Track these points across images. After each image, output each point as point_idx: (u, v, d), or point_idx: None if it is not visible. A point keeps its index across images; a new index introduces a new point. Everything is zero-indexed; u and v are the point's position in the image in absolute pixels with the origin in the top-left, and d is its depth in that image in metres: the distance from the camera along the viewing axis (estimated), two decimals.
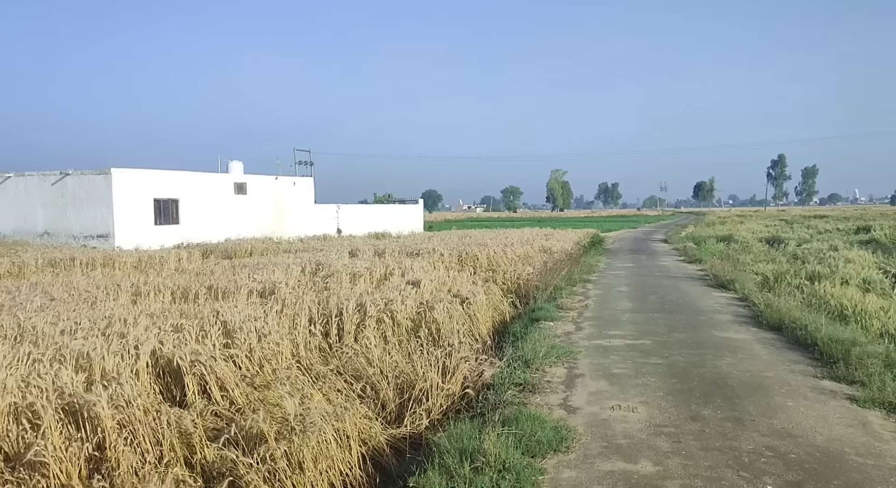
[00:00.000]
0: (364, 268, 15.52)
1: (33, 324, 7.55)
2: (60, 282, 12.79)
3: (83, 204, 28.51)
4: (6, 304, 9.24)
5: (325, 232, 37.52)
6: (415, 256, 20.26)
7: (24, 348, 6.48)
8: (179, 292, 11.84)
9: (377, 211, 46.60)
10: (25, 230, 29.70)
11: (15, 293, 10.83)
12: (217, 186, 33.16)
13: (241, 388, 6.90)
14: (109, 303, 10.11)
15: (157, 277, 13.95)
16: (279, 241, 30.50)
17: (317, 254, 20.78)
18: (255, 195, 35.05)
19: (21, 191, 30.13)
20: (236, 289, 11.82)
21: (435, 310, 9.79)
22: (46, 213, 29.40)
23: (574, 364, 8.22)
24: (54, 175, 29.26)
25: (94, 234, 28.19)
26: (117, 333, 7.37)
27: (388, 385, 7.48)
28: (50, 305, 9.24)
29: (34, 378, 5.57)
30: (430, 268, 16.81)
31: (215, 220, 31.87)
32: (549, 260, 20.16)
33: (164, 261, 19.73)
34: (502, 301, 13.25)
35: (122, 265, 18.84)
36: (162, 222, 29.95)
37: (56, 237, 28.88)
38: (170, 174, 30.88)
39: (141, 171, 29.49)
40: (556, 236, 31.29)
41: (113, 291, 11.34)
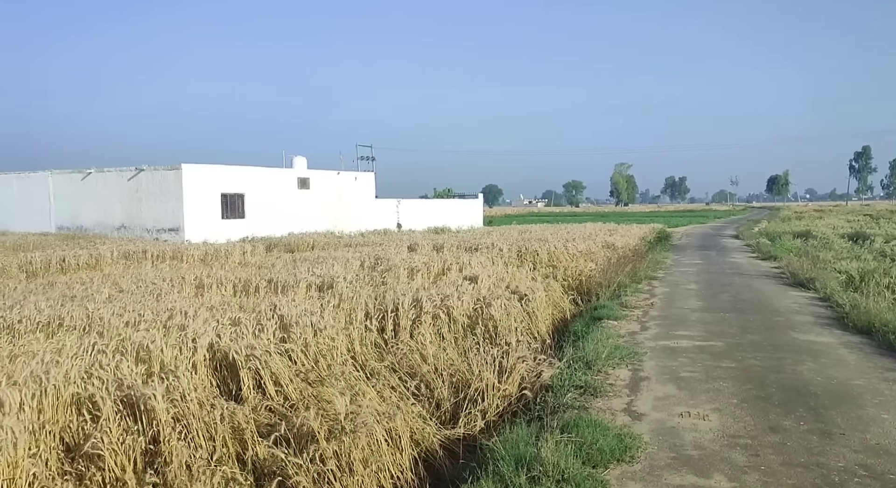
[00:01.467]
0: (422, 262, 15.40)
1: (100, 315, 7.74)
2: (130, 274, 13.23)
3: (156, 198, 29.67)
4: (79, 295, 9.57)
5: (386, 226, 37.78)
6: (473, 251, 20.02)
7: (91, 339, 6.62)
8: (241, 285, 12.02)
9: (437, 206, 46.61)
10: (105, 223, 31.19)
11: (88, 284, 11.24)
12: (281, 181, 33.87)
13: (295, 384, 6.84)
14: (173, 295, 10.33)
15: (221, 270, 14.25)
16: (340, 236, 30.89)
17: (376, 249, 20.84)
18: (318, 190, 35.61)
19: (101, 187, 31.63)
20: (295, 282, 11.89)
21: (492, 307, 9.52)
22: (123, 208, 30.76)
23: (639, 366, 7.79)
24: (130, 171, 30.57)
25: (165, 228, 29.29)
26: (178, 326, 7.46)
27: (443, 383, 7.29)
28: (118, 297, 9.50)
29: (96, 369, 5.66)
30: (489, 264, 16.53)
31: (279, 215, 32.56)
32: (613, 256, 19.51)
33: (229, 254, 20.22)
34: (563, 298, 12.84)
35: (189, 258, 19.41)
36: (229, 216, 30.82)
37: (132, 230, 30.18)
38: (236, 169, 31.74)
39: (209, 167, 30.42)
40: (619, 231, 30.40)
41: (178, 284, 11.62)
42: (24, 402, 4.78)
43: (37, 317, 7.59)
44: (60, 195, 33.09)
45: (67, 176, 32.89)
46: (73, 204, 32.56)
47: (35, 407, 4.84)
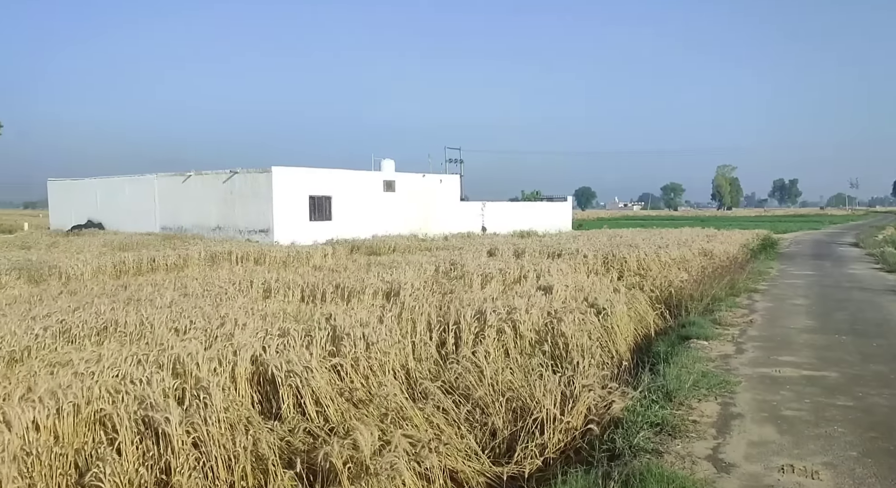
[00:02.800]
0: (497, 269, 14.67)
1: (152, 321, 7.59)
2: (206, 277, 13.36)
3: (248, 200, 30.64)
4: (143, 298, 9.59)
5: (470, 229, 37.24)
6: (555, 257, 19.03)
7: (132, 348, 6.41)
8: (308, 290, 11.78)
9: (523, 208, 45.55)
10: (202, 224, 32.60)
11: (159, 286, 11.36)
12: (367, 184, 34.12)
13: (337, 404, 6.34)
14: (238, 300, 10.18)
15: (293, 274, 14.15)
16: (424, 238, 30.65)
17: (454, 253, 20.29)
18: (403, 192, 35.61)
19: (199, 189, 33.11)
20: (362, 288, 11.51)
21: (563, 323, 8.65)
22: (218, 209, 32.02)
23: (730, 399, 6.69)
24: (225, 173, 31.77)
25: (256, 229, 30.17)
26: (225, 335, 7.17)
27: (501, 409, 6.55)
28: (180, 301, 9.44)
29: (125, 383, 5.38)
30: (570, 272, 15.55)
31: (365, 217, 32.78)
32: (709, 264, 17.91)
33: (310, 256, 20.34)
34: (648, 312, 11.70)
35: (271, 260, 19.67)
36: (316, 218, 31.35)
37: (226, 231, 31.34)
38: (324, 172, 32.25)
39: (298, 169, 31.07)
40: (719, 237, 28.24)
41: (246, 288, 11.53)
42: (39, 421, 4.52)
43: (94, 321, 7.53)
44: (164, 197, 34.95)
45: (170, 179, 34.69)
46: (175, 205, 34.29)
47: (50, 426, 4.57)
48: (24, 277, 13.55)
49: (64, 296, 10.24)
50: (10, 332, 6.50)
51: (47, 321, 7.29)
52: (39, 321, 7.39)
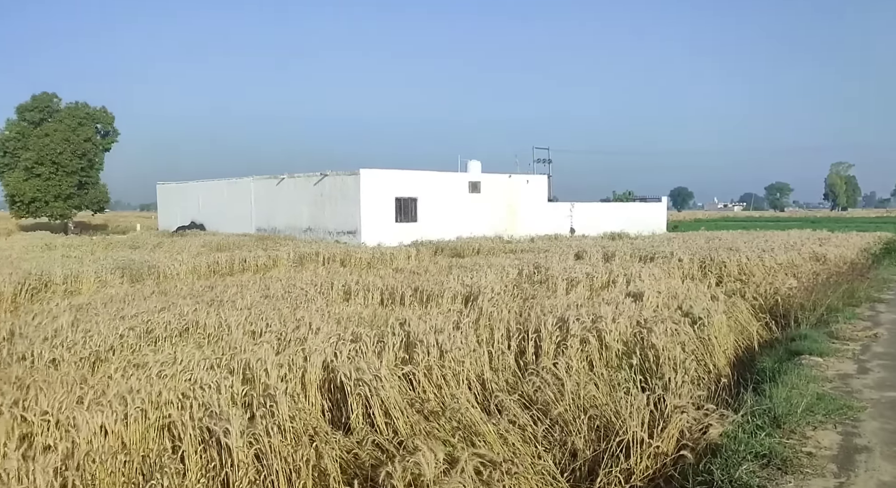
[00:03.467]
0: (584, 273, 14.00)
1: (230, 323, 7.63)
2: (289, 278, 13.56)
3: (337, 202, 31.33)
4: (226, 300, 9.75)
5: (558, 231, 36.33)
6: (647, 261, 18.02)
7: (207, 351, 6.41)
8: (388, 293, 11.65)
9: (614, 209, 43.98)
10: (294, 226, 33.67)
11: (244, 287, 11.59)
12: (453, 185, 34.03)
13: (407, 416, 6.04)
14: (317, 302, 10.17)
15: (375, 276, 14.11)
16: (509, 240, 30.14)
17: (540, 256, 19.70)
18: (489, 193, 35.25)
19: (291, 191, 34.24)
20: (440, 292, 11.24)
21: (654, 333, 7.96)
22: (309, 211, 32.95)
23: (854, 428, 5.83)
24: (316, 176, 32.65)
25: (345, 231, 30.78)
26: (298, 339, 7.06)
27: (582, 427, 6.03)
28: (260, 303, 9.51)
29: (194, 389, 5.32)
30: (663, 276, 14.62)
31: (450, 218, 32.69)
32: (823, 270, 16.33)
33: (394, 258, 20.39)
34: (750, 322, 10.69)
35: (356, 262, 19.87)
36: (402, 220, 31.58)
37: (316, 232, 32.18)
38: (410, 174, 32.45)
39: (385, 172, 31.43)
40: (833, 240, 25.93)
41: (327, 290, 11.54)
42: (107, 426, 4.49)
43: (176, 322, 7.65)
44: (259, 199, 36.42)
45: (265, 181, 36.10)
46: (269, 207, 35.64)
47: (118, 431, 4.53)
48: (127, 277, 14.28)
49: (155, 295, 10.63)
50: (97, 332, 6.67)
51: (133, 321, 7.48)
52: (127, 320, 7.59)
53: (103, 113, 41.47)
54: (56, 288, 12.69)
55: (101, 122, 41.39)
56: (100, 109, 41.25)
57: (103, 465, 4.21)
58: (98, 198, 40.86)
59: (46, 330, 6.78)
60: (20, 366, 5.35)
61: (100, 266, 14.27)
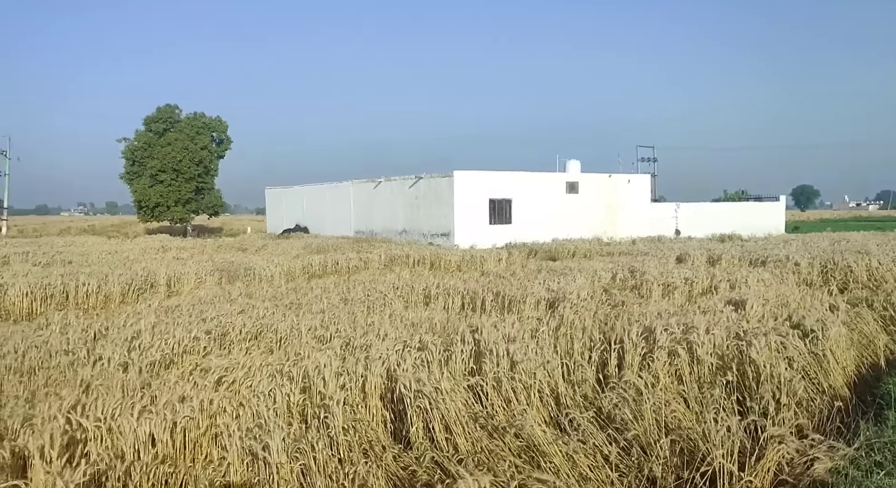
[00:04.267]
0: (683, 278, 13.01)
1: (301, 328, 7.61)
2: (373, 281, 13.57)
3: (431, 204, 31.47)
4: (305, 303, 9.82)
5: (661, 233, 34.51)
6: (758, 265, 16.58)
7: (271, 357, 6.38)
8: (469, 298, 11.34)
9: (724, 210, 41.21)
10: (390, 228, 34.22)
11: (326, 290, 11.69)
12: (549, 186, 33.22)
13: (469, 432, 5.68)
14: (395, 306, 10.03)
15: (458, 280, 13.84)
16: (608, 242, 28.97)
17: (638, 259, 18.66)
18: (587, 194, 34.11)
19: (388, 194, 34.82)
20: (523, 298, 10.78)
21: (753, 347, 7.10)
22: (405, 213, 33.35)
23: None
24: (411, 179, 32.98)
25: (438, 233, 30.85)
26: (362, 346, 6.90)
27: (663, 451, 5.41)
28: (337, 307, 9.49)
29: (248, 398, 5.24)
30: (774, 282, 13.32)
31: (545, 220, 31.94)
32: None
33: (484, 261, 20.05)
34: (878, 335, 9.40)
35: (445, 264, 19.73)
36: (496, 222, 31.21)
37: (411, 235, 32.51)
38: (504, 175, 32.02)
39: (479, 173, 31.19)
40: None
41: (408, 293, 11.39)
42: (156, 435, 4.45)
43: (250, 326, 7.73)
44: (358, 202, 37.35)
45: (363, 185, 36.96)
46: (367, 210, 36.45)
47: (166, 440, 4.49)
48: (224, 278, 14.91)
49: (241, 297, 10.93)
50: (172, 336, 6.83)
51: (211, 324, 7.62)
52: (206, 323, 7.76)
53: (218, 122, 44.16)
54: (159, 288, 13.44)
55: (216, 130, 44.09)
56: (215, 119, 43.97)
57: (146, 477, 4.18)
58: (213, 203, 43.54)
59: (129, 331, 7.03)
60: (91, 369, 5.52)
61: (201, 268, 14.99)
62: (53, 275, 12.82)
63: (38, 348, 6.12)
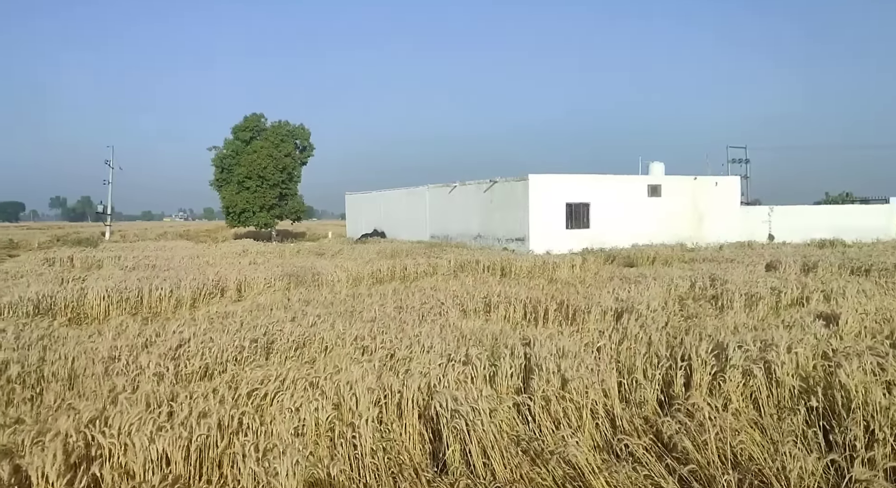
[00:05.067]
0: (769, 287, 11.94)
1: (345, 338, 7.41)
2: (434, 287, 13.30)
3: (506, 209, 30.97)
4: (358, 311, 9.64)
5: (753, 238, 32.36)
6: (860, 274, 15.06)
7: (310, 369, 6.19)
8: (531, 306, 10.84)
9: (825, 213, 38.19)
10: (465, 233, 33.98)
11: (386, 296, 11.51)
12: (629, 189, 31.94)
13: (509, 457, 5.24)
14: (451, 315, 9.70)
15: (524, 287, 13.33)
16: (692, 248, 27.46)
17: (722, 266, 17.45)
18: (670, 197, 32.52)
19: (462, 198, 34.62)
20: (588, 307, 10.17)
21: (843, 369, 6.23)
22: (479, 218, 33.02)
23: None
24: (486, 183, 32.62)
25: (513, 238, 30.30)
26: (405, 358, 6.59)
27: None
28: (388, 315, 9.26)
29: (274, 415, 5.03)
30: (877, 293, 11.98)
31: (625, 224, 30.70)
32: None
33: (556, 267, 19.38)
34: None
35: (516, 270, 19.19)
36: (573, 226, 30.30)
37: (485, 240, 32.13)
38: (582, 178, 31.06)
39: (555, 176, 30.40)
40: None
41: (467, 301, 11.03)
42: (170, 454, 4.29)
43: (298, 334, 7.61)
44: (434, 207, 37.37)
45: (439, 189, 36.95)
46: (442, 215, 36.40)
47: (181, 460, 4.32)
48: (292, 283, 15.10)
49: (298, 304, 10.93)
50: (218, 345, 6.77)
51: (259, 332, 7.55)
52: (256, 331, 7.71)
53: (301, 129, 45.57)
54: (229, 293, 13.76)
55: (299, 137, 45.49)
56: (298, 126, 45.39)
57: None
58: (295, 209, 44.90)
59: (178, 338, 7.05)
60: (125, 378, 5.51)
61: (270, 273, 15.26)
62: (131, 279, 13.38)
63: (86, 355, 6.20)
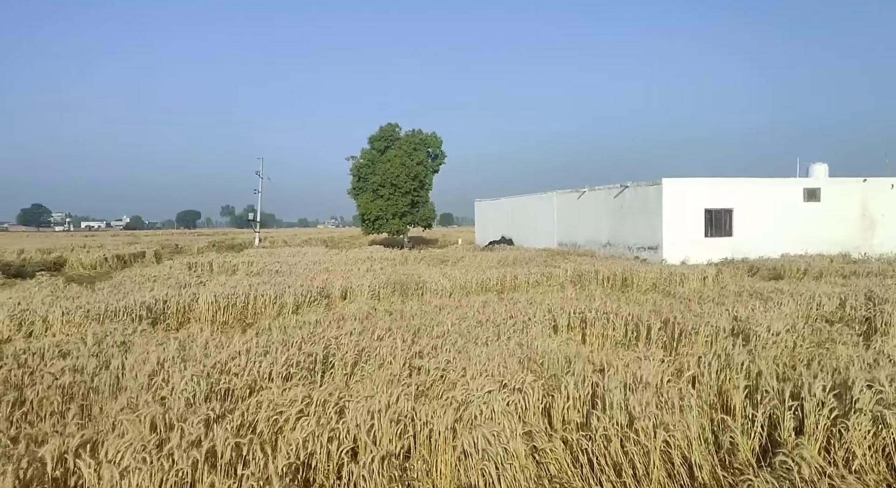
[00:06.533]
0: None
1: (395, 355, 6.92)
2: (531, 298, 12.46)
3: (637, 215, 29.03)
4: (428, 325, 9.09)
5: None
6: None
7: (344, 392, 5.77)
8: (633, 324, 9.70)
9: None
10: (594, 241, 32.38)
11: (471, 307, 10.91)
12: (781, 193, 28.57)
13: None
14: (531, 331, 8.89)
15: (633, 302, 12.08)
16: (860, 259, 23.90)
17: (886, 282, 14.79)
18: (832, 202, 28.64)
19: (591, 204, 33.03)
20: (695, 328, 8.86)
21: None
22: (609, 224, 31.28)
23: None
24: (616, 188, 30.85)
25: (645, 246, 28.30)
26: (451, 383, 5.96)
27: None
28: (460, 330, 8.62)
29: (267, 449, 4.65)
30: None
31: (775, 232, 27.49)
32: None
33: (685, 279, 17.62)
34: None
35: (639, 282, 17.72)
36: (713, 234, 27.68)
37: (615, 248, 30.35)
38: (723, 181, 28.31)
39: (692, 180, 27.99)
40: None
41: (560, 316, 10.10)
42: None
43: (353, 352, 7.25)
44: (562, 213, 36.07)
45: (567, 195, 35.60)
46: (570, 221, 35.00)
47: None
48: (397, 291, 14.98)
49: (380, 313, 10.65)
50: (275, 360, 6.57)
51: (316, 346, 7.27)
52: (315, 345, 7.47)
53: (433, 138, 46.25)
54: (334, 299, 13.92)
55: (431, 145, 46.22)
56: (430, 135, 46.15)
57: None
58: (426, 216, 45.59)
59: (229, 352, 6.93)
60: (149, 394, 5.42)
61: (378, 281, 15.26)
62: (243, 284, 13.97)
63: (134, 367, 6.22)
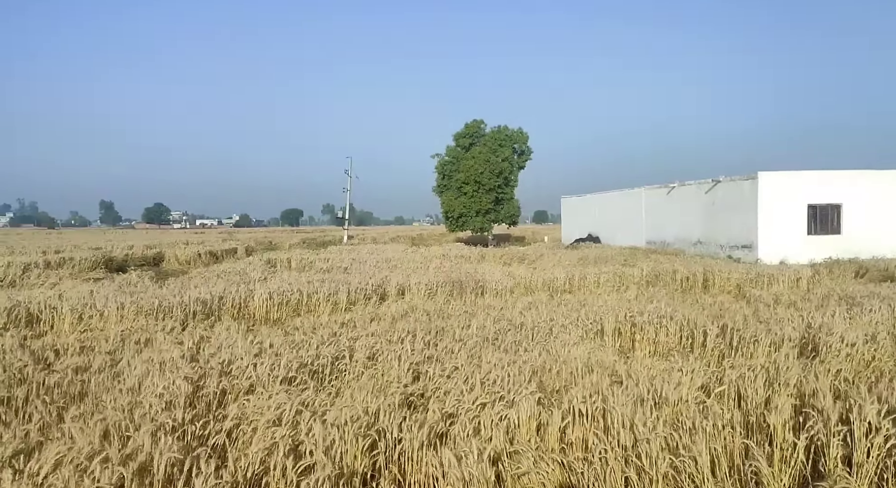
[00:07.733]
0: None
1: (401, 357, 6.57)
2: (580, 301, 11.70)
3: (730, 211, 27.04)
4: (466, 326, 8.66)
5: None
6: None
7: (340, 399, 5.50)
8: (688, 330, 8.81)
9: None
10: (684, 238, 30.54)
11: (514, 308, 10.35)
12: None
13: None
14: (566, 337, 8.26)
15: (697, 306, 11.05)
16: None
17: None
18: None
19: (681, 200, 31.14)
20: (755, 336, 7.89)
21: None
22: (700, 222, 29.37)
23: None
24: (707, 183, 28.91)
25: (739, 245, 26.32)
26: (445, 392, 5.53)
27: None
28: (494, 334, 8.13)
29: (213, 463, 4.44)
30: None
31: (891, 230, 24.70)
32: None
33: (773, 280, 16.09)
34: None
35: (722, 283, 16.38)
36: (817, 232, 25.28)
37: (707, 246, 28.46)
38: (829, 174, 25.78)
39: (792, 174, 25.70)
40: None
41: (606, 320, 9.36)
42: None
43: (363, 353, 6.98)
44: (650, 210, 34.30)
45: (656, 191, 33.80)
46: (659, 218, 33.21)
47: None
48: (455, 290, 14.63)
49: (418, 314, 10.32)
50: (276, 363, 6.40)
51: (328, 350, 7.05)
52: (333, 346, 7.27)
53: (519, 133, 45.48)
54: (388, 297, 13.80)
55: (517, 141, 45.47)
56: (517, 130, 45.42)
57: None
58: (511, 213, 44.89)
59: (227, 353, 6.84)
60: (128, 398, 5.36)
61: (433, 279, 14.99)
62: (301, 281, 14.14)
63: (151, 370, 6.22)
